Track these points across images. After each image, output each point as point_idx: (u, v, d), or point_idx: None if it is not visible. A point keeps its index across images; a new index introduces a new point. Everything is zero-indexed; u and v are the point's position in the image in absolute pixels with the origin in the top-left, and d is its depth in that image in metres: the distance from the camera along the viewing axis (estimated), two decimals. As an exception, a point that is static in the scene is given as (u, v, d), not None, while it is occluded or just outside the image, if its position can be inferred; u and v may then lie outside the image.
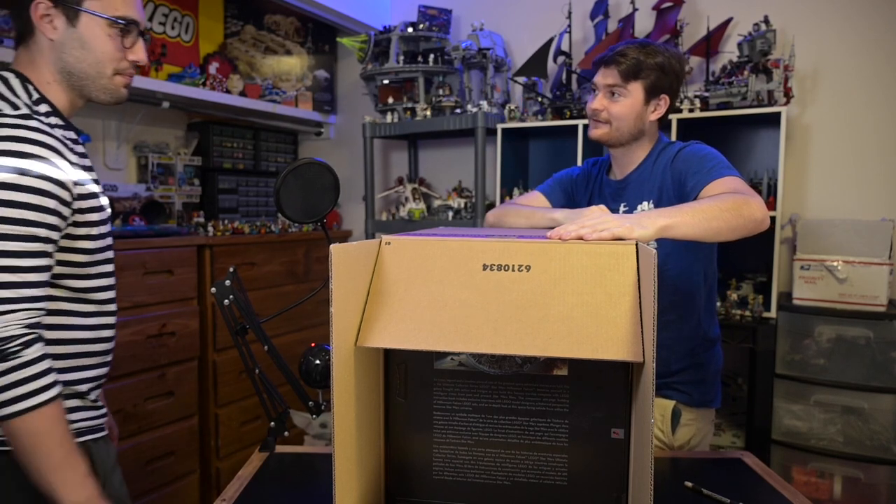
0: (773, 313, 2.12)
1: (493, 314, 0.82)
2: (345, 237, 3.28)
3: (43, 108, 1.06)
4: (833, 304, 2.04)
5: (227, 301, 1.19)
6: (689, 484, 1.07)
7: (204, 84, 2.64)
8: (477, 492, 0.95)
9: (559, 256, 0.85)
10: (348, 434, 0.83)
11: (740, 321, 2.12)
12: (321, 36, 3.25)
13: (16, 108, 1.00)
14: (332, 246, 0.76)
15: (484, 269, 0.86)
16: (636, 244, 0.85)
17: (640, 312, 0.79)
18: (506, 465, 0.95)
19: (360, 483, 0.88)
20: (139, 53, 1.11)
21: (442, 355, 0.95)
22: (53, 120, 1.06)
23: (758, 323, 2.09)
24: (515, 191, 2.63)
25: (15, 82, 1.05)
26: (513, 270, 0.85)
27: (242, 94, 2.84)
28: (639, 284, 0.81)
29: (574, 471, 0.93)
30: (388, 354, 0.96)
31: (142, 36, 1.11)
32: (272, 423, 1.24)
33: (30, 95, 1.05)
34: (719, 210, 1.08)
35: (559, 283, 0.83)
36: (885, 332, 1.96)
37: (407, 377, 0.96)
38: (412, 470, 0.97)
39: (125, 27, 1.07)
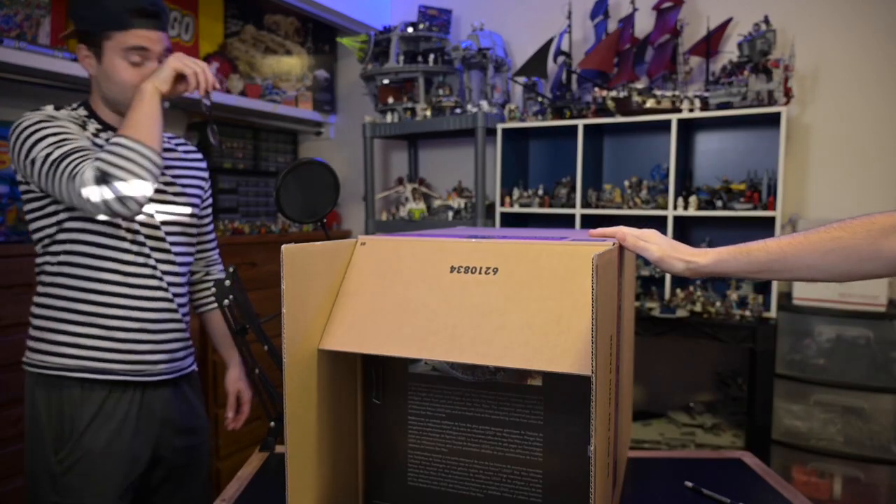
0: (773, 313, 2.12)
1: (453, 320, 0.79)
2: (345, 237, 3.27)
3: (92, 123, 1.28)
4: (833, 304, 2.04)
5: (227, 301, 1.19)
6: (689, 484, 1.07)
7: (204, 84, 2.64)
8: (450, 502, 0.92)
9: (529, 258, 0.81)
10: (304, 438, 0.81)
11: (740, 321, 2.12)
12: (321, 36, 3.25)
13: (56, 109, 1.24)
14: (283, 247, 0.74)
15: (451, 272, 0.83)
16: (617, 245, 0.83)
17: (594, 321, 0.66)
18: (479, 477, 0.90)
19: (321, 484, 0.86)
20: None
21: (415, 359, 0.91)
22: (104, 135, 1.28)
23: (758, 323, 2.09)
24: (515, 191, 2.63)
25: (76, 106, 1.30)
26: (479, 273, 0.82)
27: (242, 94, 2.84)
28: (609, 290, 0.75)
29: (549, 486, 0.87)
30: (366, 355, 0.93)
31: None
32: (272, 423, 1.24)
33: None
34: None
35: (524, 288, 0.79)
36: (885, 332, 1.96)
37: (383, 380, 0.94)
38: (388, 474, 0.95)
39: (136, 55, 1.22)
